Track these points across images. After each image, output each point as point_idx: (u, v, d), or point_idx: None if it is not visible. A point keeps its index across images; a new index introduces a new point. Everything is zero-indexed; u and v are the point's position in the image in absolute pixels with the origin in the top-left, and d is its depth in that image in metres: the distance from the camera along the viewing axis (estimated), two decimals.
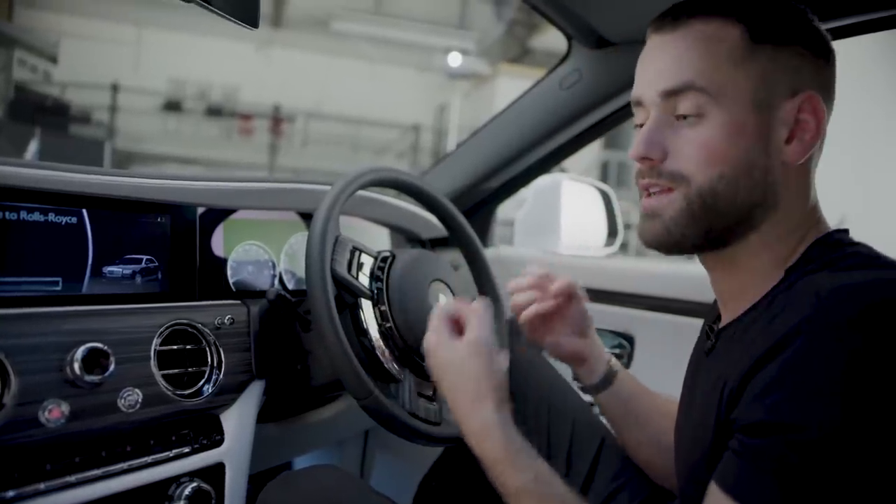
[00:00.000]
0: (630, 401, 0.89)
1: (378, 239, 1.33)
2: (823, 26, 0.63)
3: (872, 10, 0.90)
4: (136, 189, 0.87)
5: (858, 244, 0.60)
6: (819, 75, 0.61)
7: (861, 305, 0.49)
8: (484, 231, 1.50)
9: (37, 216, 0.78)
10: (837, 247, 0.60)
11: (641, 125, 0.65)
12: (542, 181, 1.49)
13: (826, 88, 0.62)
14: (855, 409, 0.47)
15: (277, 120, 10.18)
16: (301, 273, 1.11)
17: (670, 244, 0.64)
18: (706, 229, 0.62)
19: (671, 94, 0.61)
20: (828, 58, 0.63)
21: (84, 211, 0.82)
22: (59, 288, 0.79)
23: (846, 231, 0.63)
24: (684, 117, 0.61)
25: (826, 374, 0.48)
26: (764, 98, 0.60)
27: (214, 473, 0.84)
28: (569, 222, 1.48)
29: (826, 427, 0.47)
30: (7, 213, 0.76)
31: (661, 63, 0.63)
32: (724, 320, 0.67)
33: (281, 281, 1.09)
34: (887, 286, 0.51)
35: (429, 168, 1.52)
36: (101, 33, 9.21)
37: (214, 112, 9.94)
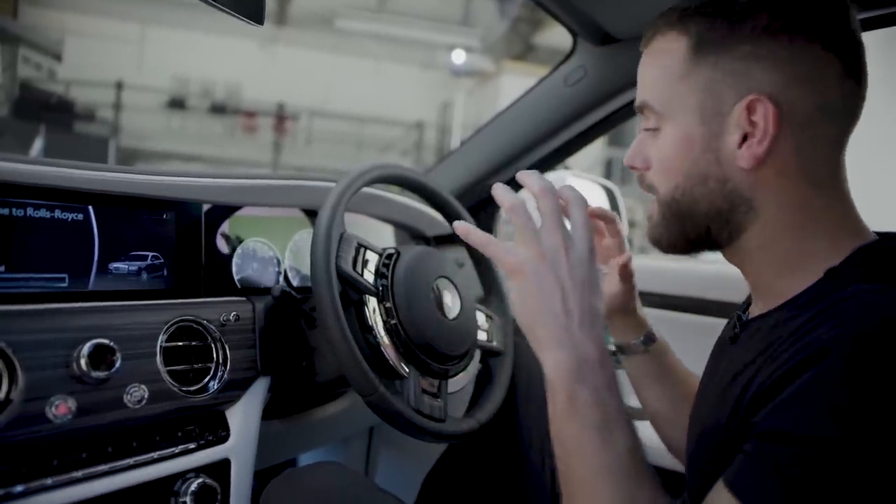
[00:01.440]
0: (662, 367, 0.90)
1: (382, 236, 1.34)
2: None
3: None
4: (142, 186, 0.87)
5: None
6: (767, 75, 0.58)
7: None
8: (488, 228, 1.50)
9: (43, 213, 0.78)
10: (889, 256, 0.57)
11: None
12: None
13: (792, 81, 0.57)
14: (880, 436, 0.45)
15: (281, 118, 10.18)
16: (306, 270, 1.11)
17: (662, 245, 0.68)
18: (682, 234, 0.65)
19: (640, 111, 0.67)
20: (782, 51, 0.58)
21: (90, 208, 0.82)
22: (65, 284, 0.80)
23: (895, 237, 0.60)
24: (652, 130, 0.65)
25: (860, 397, 0.46)
26: (711, 106, 0.60)
27: (220, 469, 0.84)
28: None
29: (848, 448, 0.46)
30: (14, 210, 0.76)
31: (637, 78, 0.68)
32: (754, 312, 0.66)
33: (286, 278, 1.09)
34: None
35: (433, 165, 1.52)
36: (105, 31, 9.23)
37: (218, 110, 9.94)
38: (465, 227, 0.66)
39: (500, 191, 0.64)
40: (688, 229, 0.64)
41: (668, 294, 1.21)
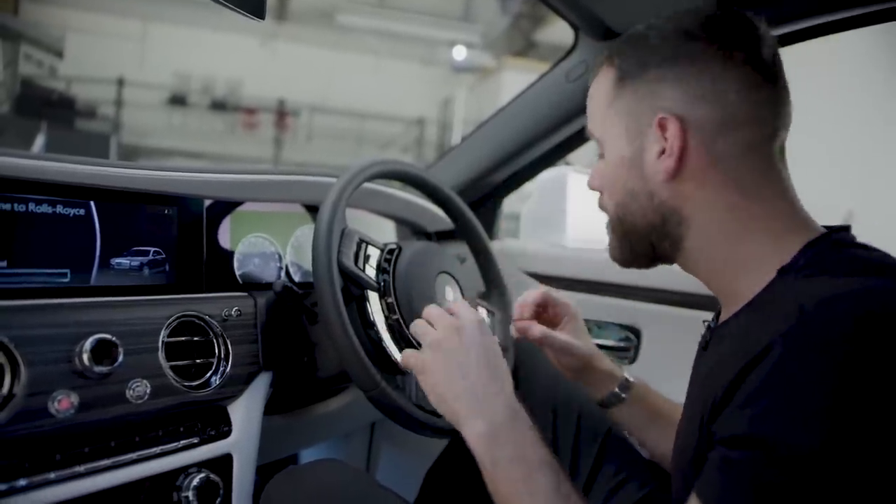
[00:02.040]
0: (648, 409, 0.89)
1: (384, 232, 1.34)
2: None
3: (833, 11, 0.90)
4: (144, 181, 0.87)
5: (859, 245, 0.59)
6: (676, 93, 0.62)
7: (847, 319, 0.48)
8: (489, 224, 1.50)
9: (45, 208, 0.78)
10: (836, 249, 0.58)
11: None
12: (548, 174, 1.49)
13: (696, 99, 0.61)
14: (835, 425, 0.46)
15: (282, 114, 10.16)
16: (307, 265, 1.11)
17: (618, 259, 0.73)
18: (631, 250, 0.70)
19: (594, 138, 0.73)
20: (687, 70, 0.62)
21: (92, 203, 0.82)
22: (67, 280, 0.80)
23: (847, 229, 0.61)
24: (601, 156, 0.72)
25: (807, 389, 0.47)
26: (634, 129, 0.65)
27: (222, 464, 0.84)
28: (575, 216, 1.48)
29: (806, 444, 0.46)
30: (16, 206, 0.76)
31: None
32: (722, 318, 0.68)
33: (287, 273, 1.09)
34: (876, 297, 0.50)
35: (434, 161, 1.52)
36: (106, 28, 9.22)
37: (219, 106, 9.93)
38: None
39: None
40: (634, 245, 0.69)
41: (675, 290, 1.21)
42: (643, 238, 0.68)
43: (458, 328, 0.71)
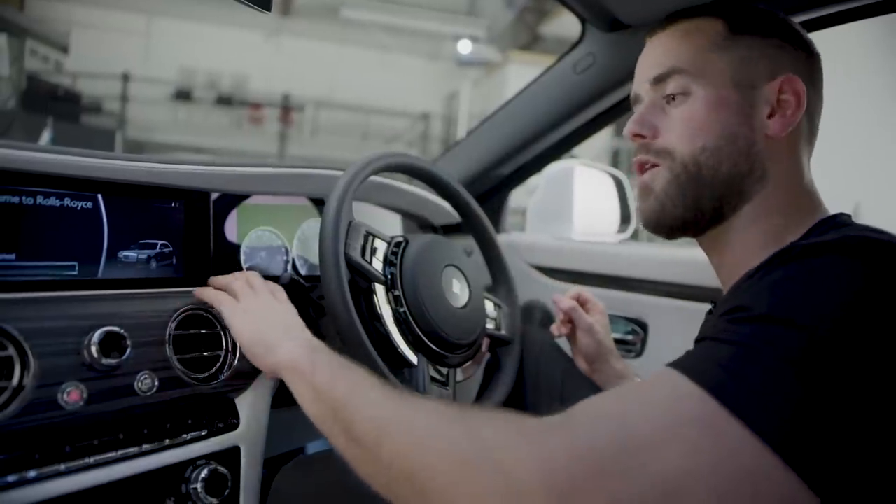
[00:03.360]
0: None
1: (390, 225, 1.33)
2: (808, 16, 0.75)
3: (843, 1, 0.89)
4: (151, 174, 0.87)
5: (862, 225, 0.59)
6: (799, 63, 0.67)
7: (821, 243, 0.48)
8: (496, 217, 1.50)
9: (53, 201, 0.79)
10: (840, 226, 0.60)
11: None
12: (555, 167, 1.49)
13: (810, 77, 0.67)
14: (855, 317, 0.42)
15: (287, 109, 10.17)
16: (313, 259, 1.11)
17: (666, 220, 0.68)
18: (695, 199, 0.66)
19: (660, 80, 0.69)
20: (808, 51, 0.69)
21: (99, 196, 0.82)
22: (75, 272, 0.80)
23: (849, 215, 0.64)
24: (672, 98, 0.68)
25: (789, 286, 0.45)
26: (744, 78, 0.65)
27: (230, 457, 0.85)
28: (581, 209, 1.48)
29: (838, 327, 0.42)
30: (24, 199, 0.76)
31: (651, 57, 0.71)
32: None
33: (294, 266, 1.09)
34: (852, 238, 0.48)
35: (441, 154, 1.51)
36: (111, 23, 9.23)
37: (224, 101, 9.95)
38: (200, 291, 0.86)
39: None
40: (703, 196, 0.66)
41: (681, 283, 1.21)
42: (718, 188, 0.65)
43: (252, 284, 0.83)
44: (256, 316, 0.78)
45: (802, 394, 0.39)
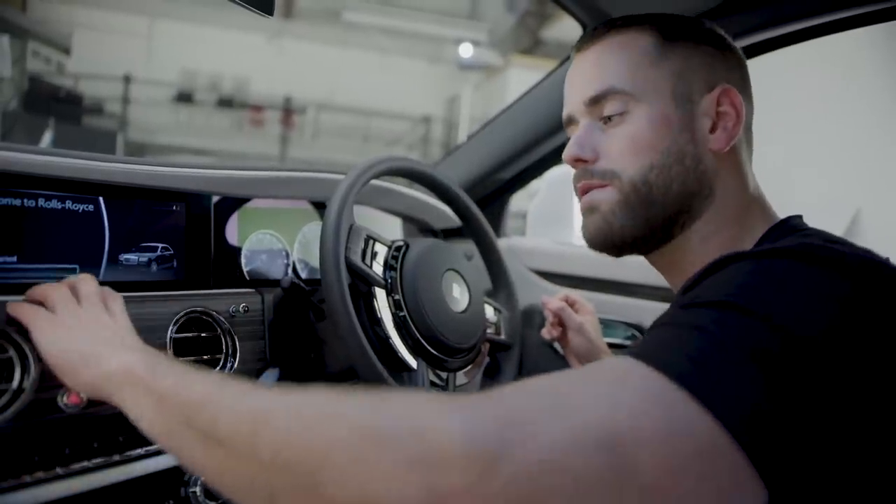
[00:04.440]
0: None
1: (391, 229, 1.34)
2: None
3: (844, 8, 0.89)
4: (153, 177, 0.87)
5: (815, 229, 0.59)
6: (732, 72, 0.66)
7: (778, 248, 0.47)
8: (496, 222, 1.50)
9: (54, 204, 0.79)
10: (792, 231, 0.60)
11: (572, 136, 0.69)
12: (555, 172, 1.49)
13: (742, 86, 0.66)
14: (837, 317, 0.41)
15: (288, 111, 10.18)
16: (314, 262, 1.11)
17: (612, 237, 0.65)
18: (645, 219, 0.63)
19: (596, 101, 0.65)
20: (737, 57, 0.67)
21: (101, 199, 0.83)
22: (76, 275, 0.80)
23: (800, 217, 0.63)
24: (609, 119, 0.65)
25: (745, 279, 0.44)
26: (683, 93, 0.63)
27: None
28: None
29: (808, 326, 0.40)
30: (25, 201, 0.77)
31: (583, 75, 0.68)
32: None
33: (294, 270, 1.09)
34: (807, 245, 0.47)
35: (441, 158, 1.52)
36: (113, 25, 9.25)
37: (226, 103, 9.96)
38: (13, 307, 0.69)
39: None
40: (652, 215, 0.63)
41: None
42: (669, 207, 0.63)
43: (78, 292, 0.68)
44: (74, 329, 0.63)
45: (763, 382, 0.37)
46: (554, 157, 1.38)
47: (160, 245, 0.88)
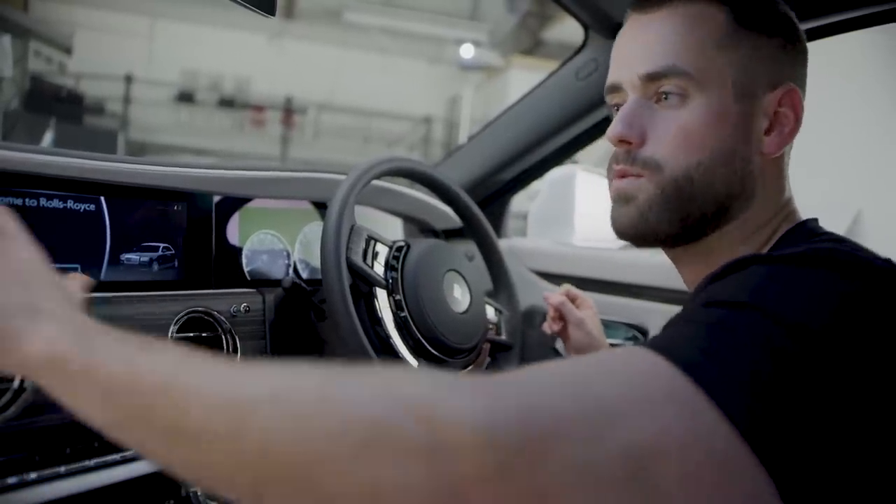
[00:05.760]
0: None
1: (391, 229, 1.34)
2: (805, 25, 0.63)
3: (851, 9, 0.89)
4: (154, 176, 0.87)
5: (831, 233, 0.57)
6: (797, 69, 0.61)
7: (795, 254, 0.46)
8: (497, 223, 1.50)
9: (56, 203, 0.79)
10: (809, 235, 0.58)
11: (617, 106, 0.64)
12: (556, 173, 1.49)
13: (803, 85, 0.62)
14: (837, 315, 0.41)
15: (289, 111, 10.18)
16: (315, 262, 1.11)
17: (645, 232, 0.61)
18: (682, 217, 0.59)
19: (653, 78, 0.59)
20: (804, 53, 0.63)
21: (102, 199, 0.83)
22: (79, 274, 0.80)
23: (816, 220, 0.61)
24: (665, 97, 0.59)
25: (765, 282, 0.43)
26: (746, 86, 0.59)
27: None
28: (583, 214, 1.48)
29: (816, 321, 0.40)
30: (27, 200, 0.77)
31: (641, 45, 0.61)
32: None
33: (295, 270, 1.09)
34: (817, 249, 0.47)
35: (442, 159, 1.52)
36: (114, 25, 9.25)
37: (227, 103, 9.96)
38: None
39: None
40: (690, 213, 0.59)
41: (682, 289, 1.21)
42: (707, 206, 0.59)
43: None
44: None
45: (780, 385, 0.37)
46: (555, 159, 1.38)
47: (161, 245, 0.88)
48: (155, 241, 0.88)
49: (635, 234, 0.62)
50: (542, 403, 0.35)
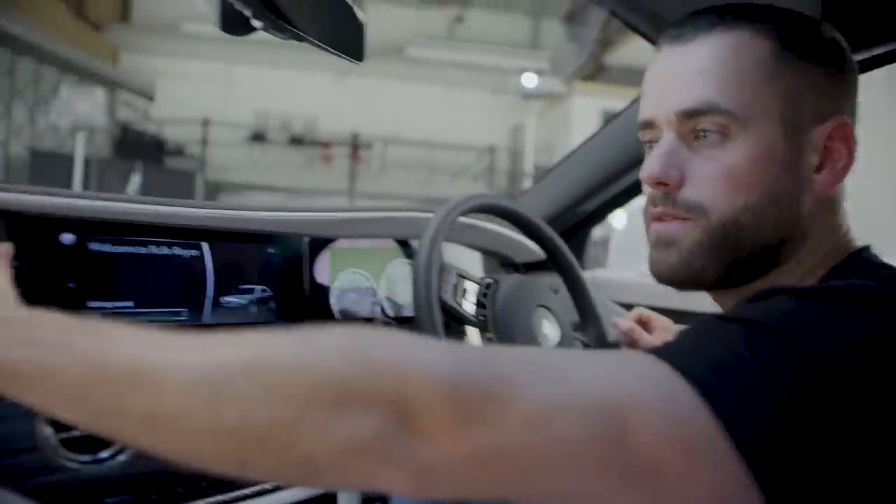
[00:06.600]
0: None
1: (469, 262, 1.33)
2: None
3: None
4: (252, 222, 0.90)
5: (888, 265, 0.52)
6: (846, 100, 0.56)
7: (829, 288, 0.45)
8: (579, 254, 1.47)
9: (163, 250, 0.83)
10: (861, 268, 0.52)
11: (650, 143, 0.59)
12: (639, 201, 1.46)
13: (854, 116, 0.56)
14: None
15: (355, 146, 10.48)
16: (400, 300, 1.12)
17: (688, 277, 0.56)
18: (729, 263, 0.55)
19: (690, 115, 0.54)
20: (855, 82, 0.58)
21: (204, 244, 0.86)
22: (184, 318, 0.83)
23: (868, 248, 0.56)
24: (702, 135, 0.54)
25: (791, 309, 0.43)
26: (793, 120, 0.53)
27: (328, 501, 0.85)
28: None
29: (839, 356, 0.39)
30: (138, 248, 0.81)
31: (677, 78, 0.56)
32: None
33: (381, 308, 1.10)
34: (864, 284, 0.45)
35: (522, 192, 1.51)
36: (192, 72, 9.82)
37: (296, 141, 10.36)
38: None
39: None
40: (737, 259, 0.55)
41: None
42: (755, 252, 0.55)
43: None
44: None
45: (779, 400, 0.37)
46: (638, 189, 1.35)
47: (259, 287, 0.91)
48: (252, 284, 0.90)
49: (678, 279, 0.57)
50: (510, 368, 0.38)
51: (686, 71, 0.55)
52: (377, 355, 0.37)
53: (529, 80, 9.58)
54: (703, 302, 1.25)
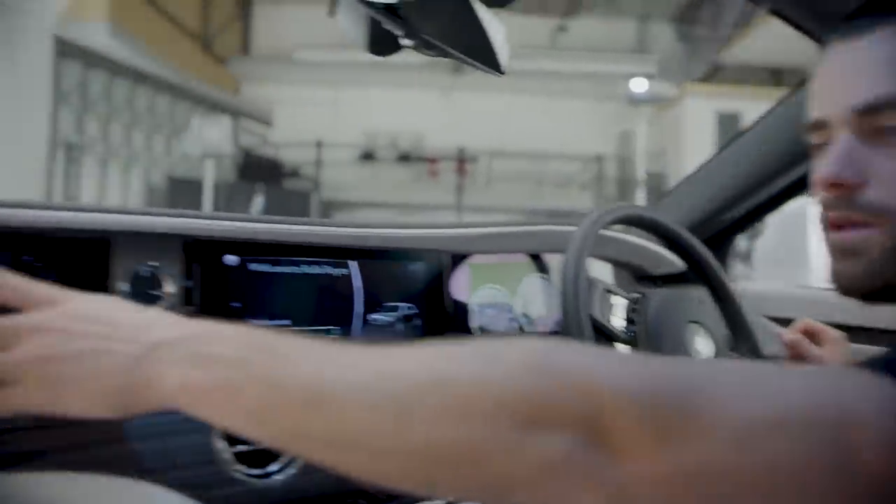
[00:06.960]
0: None
1: (601, 275, 1.29)
2: None
3: None
4: (397, 239, 0.92)
5: None
6: None
7: None
8: (724, 264, 1.39)
9: (316, 269, 0.86)
10: None
11: (819, 146, 0.56)
12: (784, 207, 1.35)
13: None
14: None
15: (462, 161, 10.60)
16: (534, 314, 1.10)
17: (876, 289, 0.53)
18: None
19: (870, 110, 0.51)
20: None
21: (352, 262, 0.88)
22: (334, 335, 0.85)
23: None
24: (884, 132, 0.51)
25: None
26: None
27: None
28: (820, 252, 1.32)
29: None
30: (292, 267, 0.84)
31: (853, 74, 0.53)
32: None
33: (518, 323, 1.09)
34: None
35: (659, 200, 1.45)
36: (305, 97, 10.35)
37: (404, 158, 10.62)
38: None
39: None
40: None
41: None
42: None
43: (53, 301, 0.45)
44: (64, 329, 0.43)
45: None
46: (790, 194, 1.25)
47: (404, 304, 0.92)
48: (398, 301, 0.91)
49: (866, 291, 0.54)
50: (707, 381, 0.35)
51: (863, 66, 0.52)
52: (564, 369, 0.36)
53: (639, 85, 9.28)
54: (860, 314, 1.14)
